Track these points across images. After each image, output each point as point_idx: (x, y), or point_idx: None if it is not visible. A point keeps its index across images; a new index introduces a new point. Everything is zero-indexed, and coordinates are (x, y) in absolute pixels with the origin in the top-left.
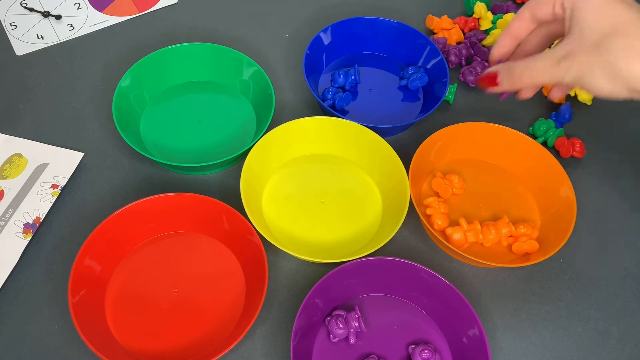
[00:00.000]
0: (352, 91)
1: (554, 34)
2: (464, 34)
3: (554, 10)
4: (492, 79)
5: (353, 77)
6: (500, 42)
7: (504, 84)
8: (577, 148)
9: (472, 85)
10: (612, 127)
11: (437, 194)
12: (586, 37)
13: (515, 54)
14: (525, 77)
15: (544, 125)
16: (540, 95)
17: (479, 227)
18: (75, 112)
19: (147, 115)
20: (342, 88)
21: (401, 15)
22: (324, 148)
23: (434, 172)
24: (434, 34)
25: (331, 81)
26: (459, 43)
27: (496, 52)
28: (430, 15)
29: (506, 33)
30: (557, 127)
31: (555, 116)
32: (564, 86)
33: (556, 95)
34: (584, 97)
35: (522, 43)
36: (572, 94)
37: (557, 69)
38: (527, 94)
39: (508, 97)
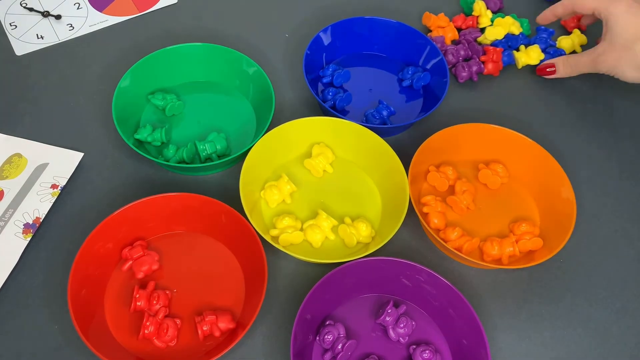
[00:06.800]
0: (345, 88)
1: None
2: (459, 31)
3: (593, 13)
4: (550, 67)
5: (336, 71)
6: (546, 15)
7: (560, 71)
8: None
9: (461, 81)
10: (613, 127)
11: (435, 189)
12: (615, 41)
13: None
14: (573, 67)
15: None
16: (540, 97)
17: (478, 242)
18: (75, 112)
19: (147, 115)
20: (332, 84)
21: (401, 15)
22: None
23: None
24: (430, 31)
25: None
26: (453, 41)
27: (541, 19)
28: (427, 12)
29: (549, 11)
30: None
31: None
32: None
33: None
34: None
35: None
36: None
37: (595, 62)
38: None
39: None
